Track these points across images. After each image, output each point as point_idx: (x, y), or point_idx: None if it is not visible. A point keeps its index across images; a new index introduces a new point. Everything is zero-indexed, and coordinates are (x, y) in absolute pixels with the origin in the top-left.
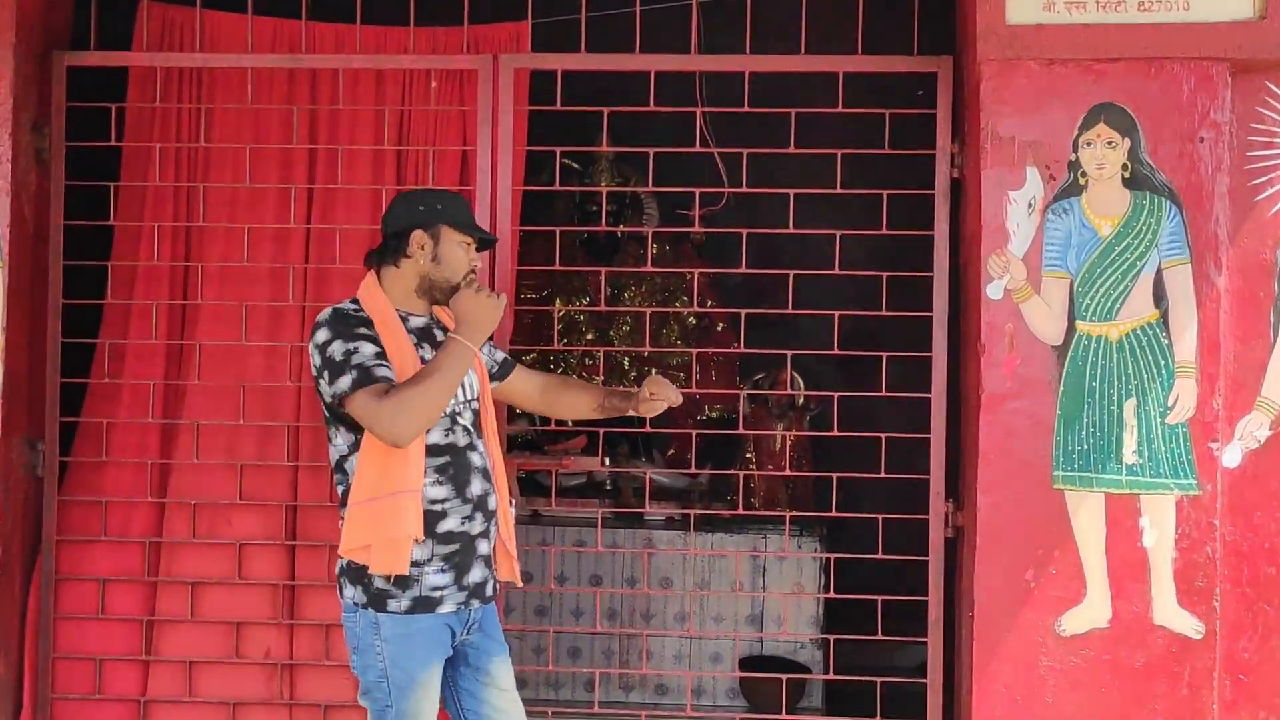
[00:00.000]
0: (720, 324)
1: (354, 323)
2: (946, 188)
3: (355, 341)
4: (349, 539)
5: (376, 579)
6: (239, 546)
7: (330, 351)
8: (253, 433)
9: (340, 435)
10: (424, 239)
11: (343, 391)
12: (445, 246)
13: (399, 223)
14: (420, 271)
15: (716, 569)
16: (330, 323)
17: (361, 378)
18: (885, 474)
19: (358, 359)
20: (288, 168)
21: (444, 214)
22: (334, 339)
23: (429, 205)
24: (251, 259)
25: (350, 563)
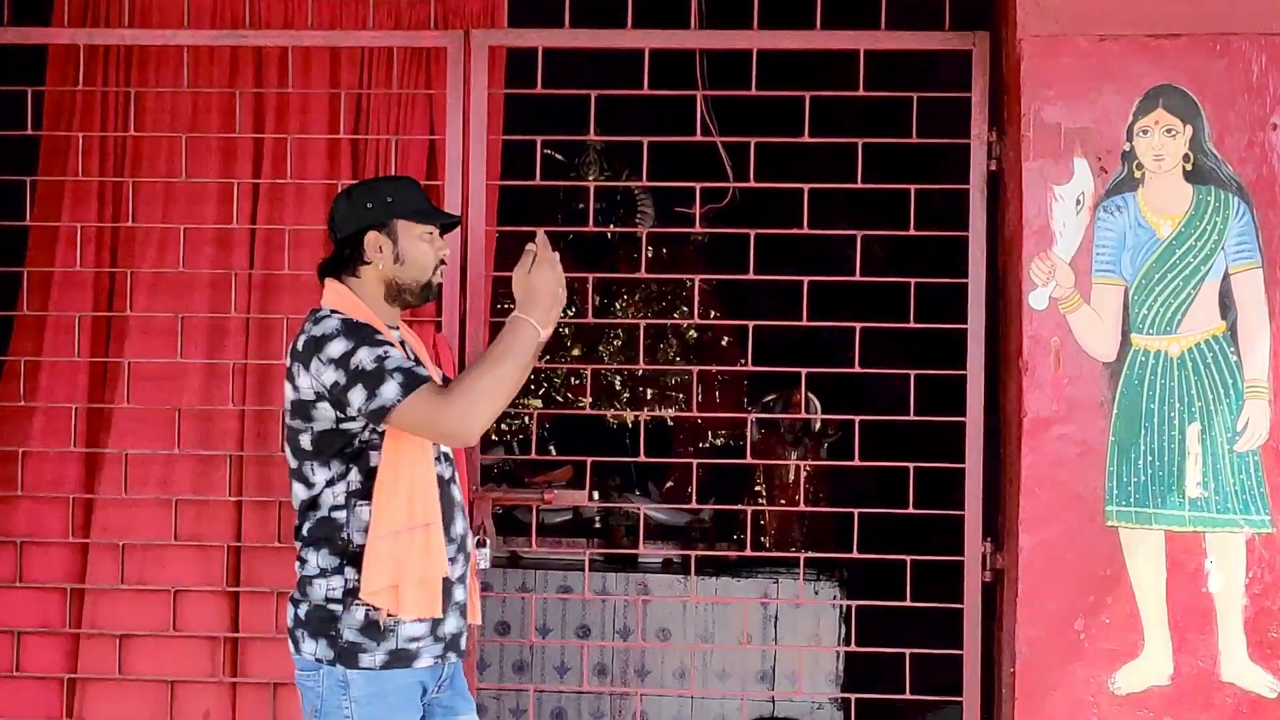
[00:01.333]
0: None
1: (368, 329)
2: (983, 182)
3: (382, 347)
4: (372, 580)
5: (348, 631)
6: (173, 593)
7: (357, 362)
8: (189, 463)
9: (326, 469)
10: (380, 240)
11: (392, 399)
12: (406, 243)
13: (347, 225)
14: (384, 277)
15: (721, 618)
16: (345, 332)
17: (409, 380)
18: (914, 510)
19: (394, 363)
20: (229, 160)
21: (396, 206)
22: (357, 347)
23: (377, 200)
24: (188, 264)
25: (313, 611)
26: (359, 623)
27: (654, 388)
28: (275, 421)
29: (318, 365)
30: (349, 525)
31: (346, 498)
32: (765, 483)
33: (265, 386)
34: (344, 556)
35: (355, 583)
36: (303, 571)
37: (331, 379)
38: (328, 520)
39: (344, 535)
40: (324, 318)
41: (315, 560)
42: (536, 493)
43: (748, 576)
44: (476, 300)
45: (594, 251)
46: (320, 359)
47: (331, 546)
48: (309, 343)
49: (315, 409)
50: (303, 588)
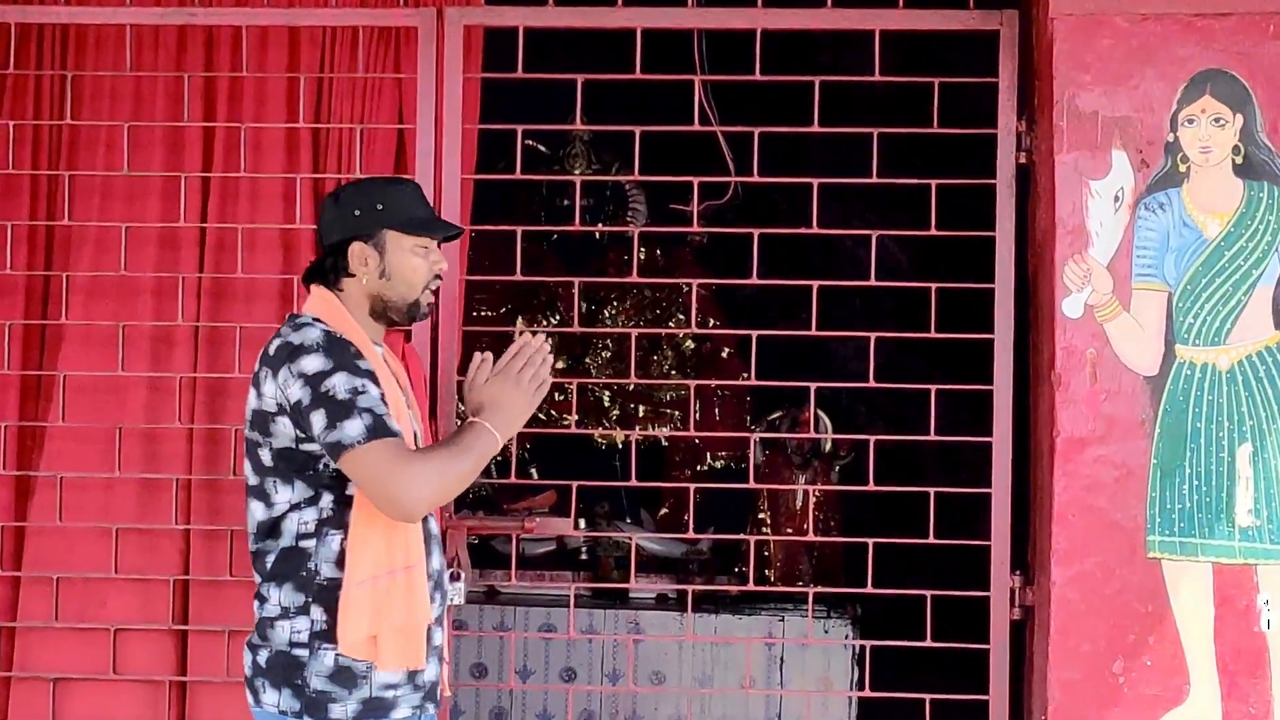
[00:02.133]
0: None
1: (351, 351)
2: (1012, 176)
3: (361, 378)
4: (350, 631)
5: (316, 679)
6: (113, 632)
7: (330, 385)
8: (132, 487)
9: (289, 488)
10: (365, 252)
11: (351, 440)
12: (395, 256)
13: (332, 232)
14: (369, 292)
15: (721, 660)
16: (326, 348)
17: (376, 427)
18: (935, 539)
19: (367, 401)
20: (177, 151)
21: (386, 215)
22: (335, 370)
23: (365, 206)
24: (130, 266)
25: (275, 658)
26: (328, 669)
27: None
28: (227, 442)
29: (286, 376)
30: (318, 556)
31: (317, 526)
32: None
33: (216, 403)
34: (310, 593)
35: (324, 624)
36: (262, 612)
37: (297, 395)
38: (294, 551)
39: (311, 567)
40: (305, 325)
41: (277, 598)
42: (516, 521)
43: (750, 613)
44: (450, 306)
45: (580, 253)
46: (291, 370)
47: (297, 581)
48: (283, 349)
49: (274, 422)
50: (263, 630)
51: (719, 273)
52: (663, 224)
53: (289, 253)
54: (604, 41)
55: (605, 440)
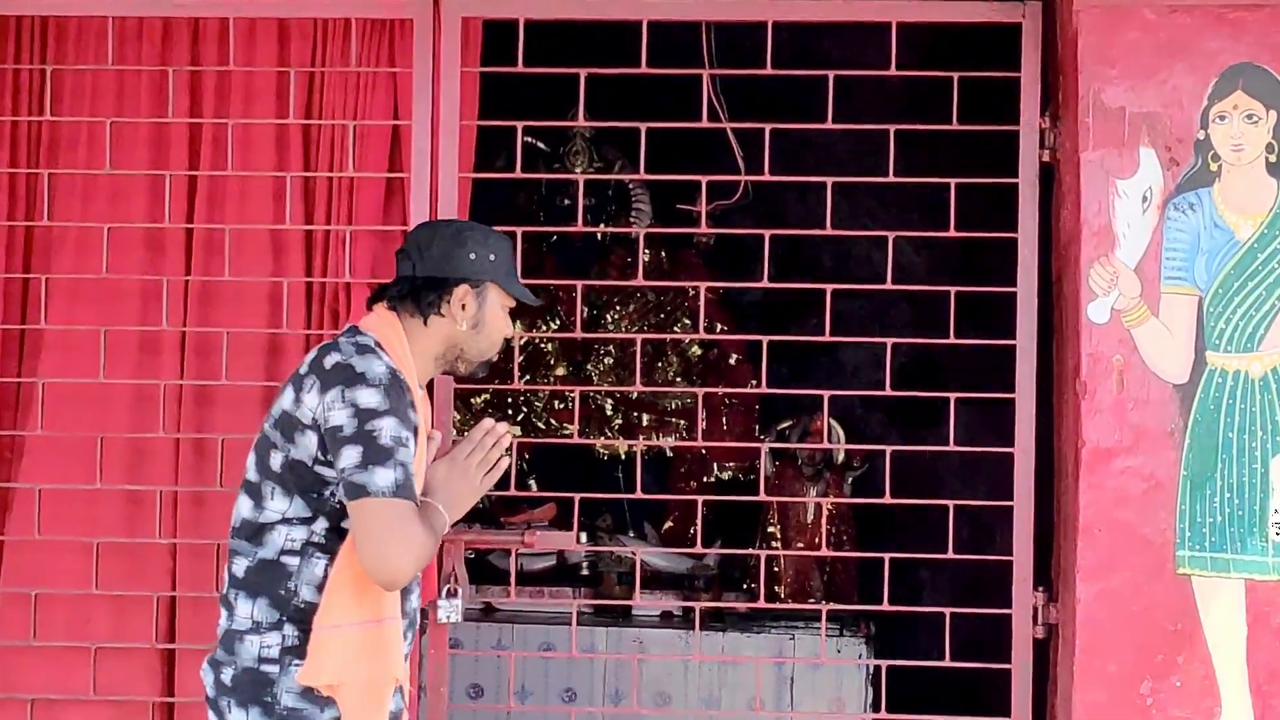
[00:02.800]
0: (734, 355)
1: (407, 399)
2: (1035, 175)
3: (407, 430)
4: (315, 671)
5: (286, 695)
6: (93, 651)
7: (377, 427)
8: (115, 500)
9: (286, 500)
10: (469, 298)
11: (378, 488)
12: (491, 311)
13: (437, 267)
14: (453, 338)
15: (729, 680)
16: (388, 389)
17: (405, 486)
18: (954, 555)
19: (405, 456)
20: (161, 148)
21: (497, 267)
22: (388, 413)
23: (481, 253)
24: (113, 269)
25: (242, 675)
26: (300, 686)
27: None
28: (214, 453)
29: (336, 398)
30: (299, 577)
31: (304, 545)
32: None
33: (203, 411)
34: (285, 612)
35: (296, 639)
36: (230, 624)
37: (339, 421)
38: (274, 565)
39: (290, 586)
40: (370, 352)
41: (249, 611)
42: (515, 534)
43: (760, 631)
44: None
45: (582, 255)
46: (344, 394)
47: (272, 597)
48: (343, 370)
49: (302, 434)
50: (229, 644)
51: (726, 276)
52: (668, 225)
53: (279, 254)
54: (606, 34)
55: (607, 450)
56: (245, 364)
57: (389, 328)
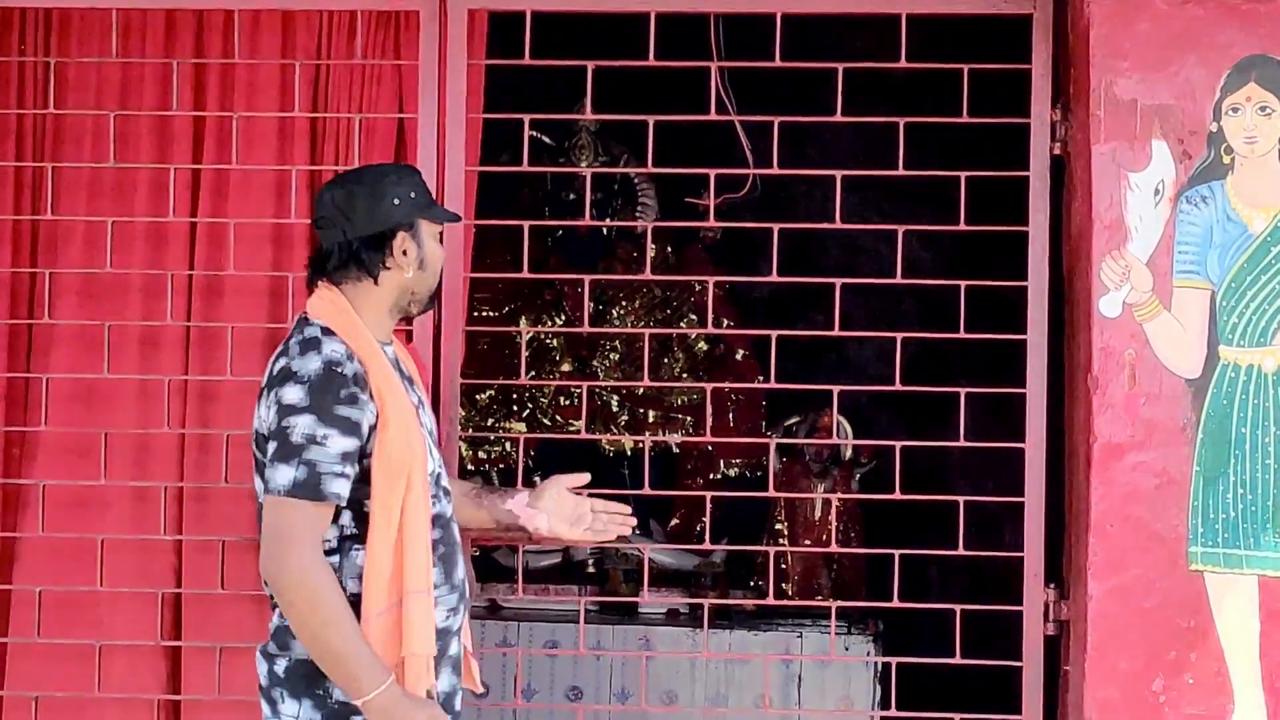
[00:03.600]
0: (741, 351)
1: (340, 394)
2: (1046, 169)
3: (328, 428)
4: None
5: (339, 690)
6: (98, 649)
7: (291, 424)
8: (121, 497)
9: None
10: (407, 243)
11: (275, 486)
12: (428, 245)
13: (371, 222)
14: (403, 285)
15: (737, 678)
16: (314, 383)
17: (307, 484)
18: (964, 551)
19: (316, 454)
20: (165, 142)
21: (418, 203)
22: (305, 410)
23: (402, 194)
24: (116, 264)
25: (295, 667)
26: None
27: (657, 409)
28: (219, 448)
29: (271, 400)
30: (342, 572)
31: (340, 541)
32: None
33: (208, 406)
34: None
35: None
36: (281, 620)
37: (270, 422)
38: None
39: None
40: (311, 346)
41: None
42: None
43: (767, 629)
44: (453, 304)
45: (588, 250)
46: (275, 393)
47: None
48: (282, 372)
49: (264, 444)
50: (282, 639)
51: (733, 270)
52: (674, 219)
53: (283, 248)
54: (613, 27)
55: (613, 447)
56: (249, 359)
57: (333, 307)
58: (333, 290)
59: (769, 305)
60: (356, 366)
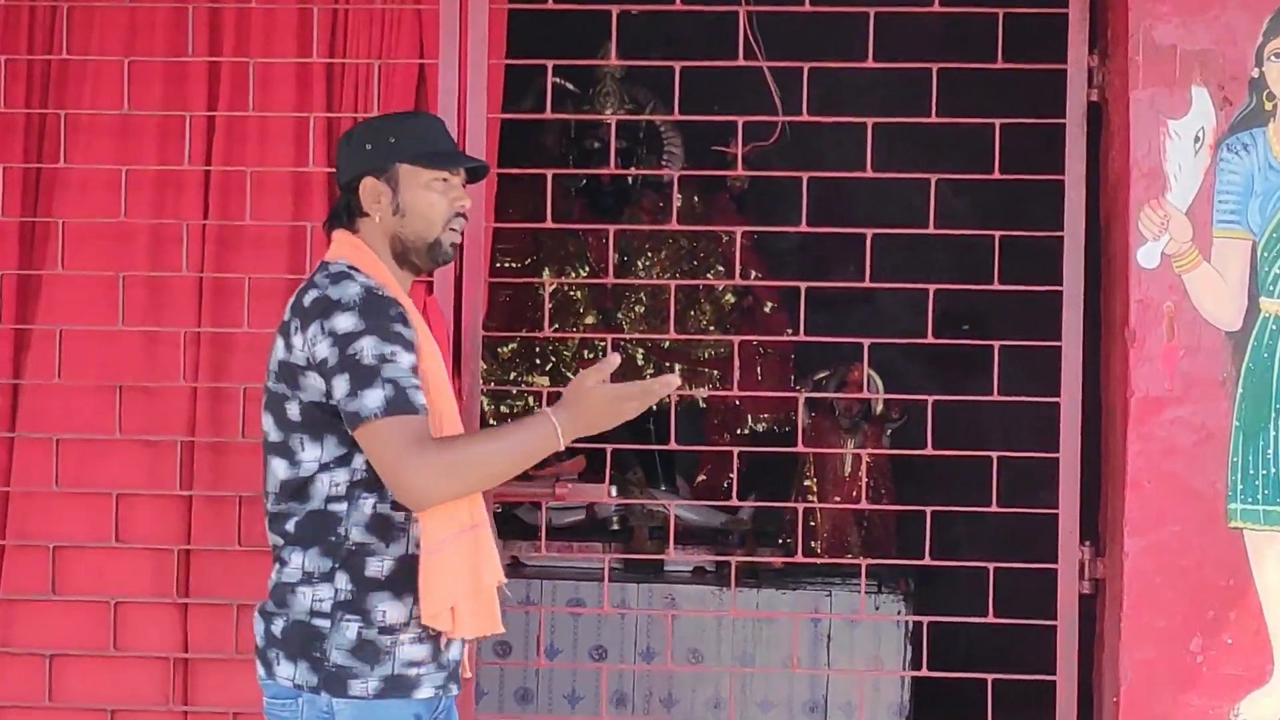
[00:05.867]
0: (769, 303)
1: (390, 313)
2: (1082, 115)
3: (393, 345)
4: (434, 604)
5: (336, 652)
6: (112, 606)
7: (358, 349)
8: (131, 451)
9: (318, 446)
10: (378, 188)
11: (370, 411)
12: (409, 193)
13: (345, 171)
14: (386, 231)
15: (764, 638)
16: (362, 307)
17: (398, 401)
18: (997, 508)
19: (393, 371)
20: (179, 87)
21: (398, 148)
22: (365, 332)
23: (377, 140)
24: (129, 212)
25: (292, 627)
26: (350, 642)
27: (684, 362)
28: (234, 401)
29: (316, 332)
30: (348, 521)
31: (349, 488)
32: (817, 476)
33: (221, 359)
34: (337, 559)
35: (349, 594)
36: (281, 576)
37: (323, 354)
38: (322, 514)
39: (340, 532)
40: (344, 277)
41: (300, 562)
42: (545, 487)
43: (795, 588)
44: (475, 255)
45: (612, 199)
46: (323, 326)
47: (324, 546)
48: (319, 303)
49: (304, 377)
50: (281, 596)
51: (761, 220)
52: (701, 168)
53: (300, 197)
54: None
55: None
56: (266, 309)
57: (353, 248)
58: (347, 234)
59: (798, 256)
60: (390, 294)
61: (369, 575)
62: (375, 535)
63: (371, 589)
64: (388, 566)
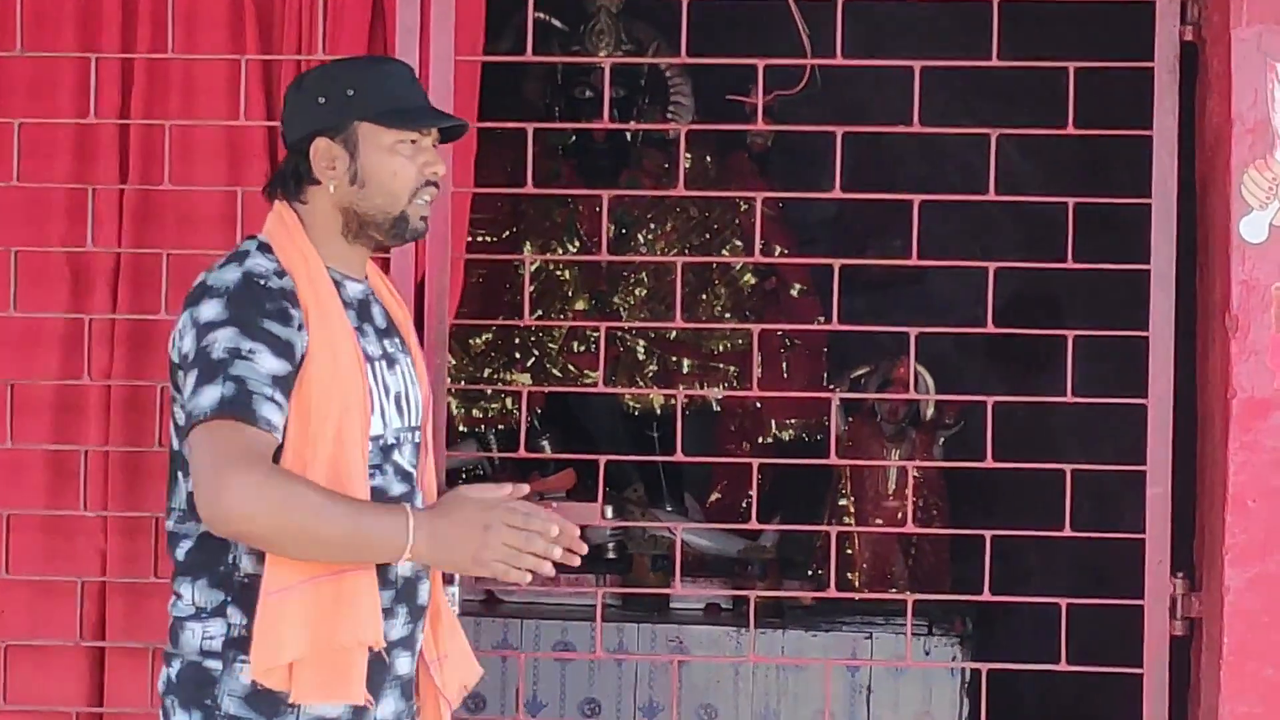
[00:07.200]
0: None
1: (265, 306)
2: (1175, 59)
3: (255, 342)
4: (268, 649)
5: (229, 700)
6: (3, 650)
7: (211, 339)
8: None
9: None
10: (333, 151)
11: (200, 411)
12: (371, 157)
13: (293, 127)
14: (339, 203)
15: (790, 689)
16: (233, 296)
17: (237, 403)
18: (1071, 532)
19: (243, 370)
20: (90, 24)
21: (358, 103)
22: (226, 323)
23: (332, 92)
24: (28, 176)
25: (185, 670)
26: (244, 688)
27: (694, 356)
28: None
29: (185, 322)
30: (238, 546)
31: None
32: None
33: (141, 351)
34: (229, 591)
35: (242, 630)
36: (175, 612)
37: (187, 348)
38: (212, 540)
39: (229, 560)
40: (236, 258)
41: (190, 595)
42: None
43: (828, 629)
44: (441, 228)
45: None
46: (191, 314)
47: (213, 576)
48: (195, 289)
49: (178, 376)
50: (175, 634)
51: (788, 185)
52: (715, 121)
53: (234, 158)
54: None
55: (639, 403)
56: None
57: (278, 221)
58: (282, 205)
59: (832, 228)
60: (286, 283)
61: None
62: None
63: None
64: None
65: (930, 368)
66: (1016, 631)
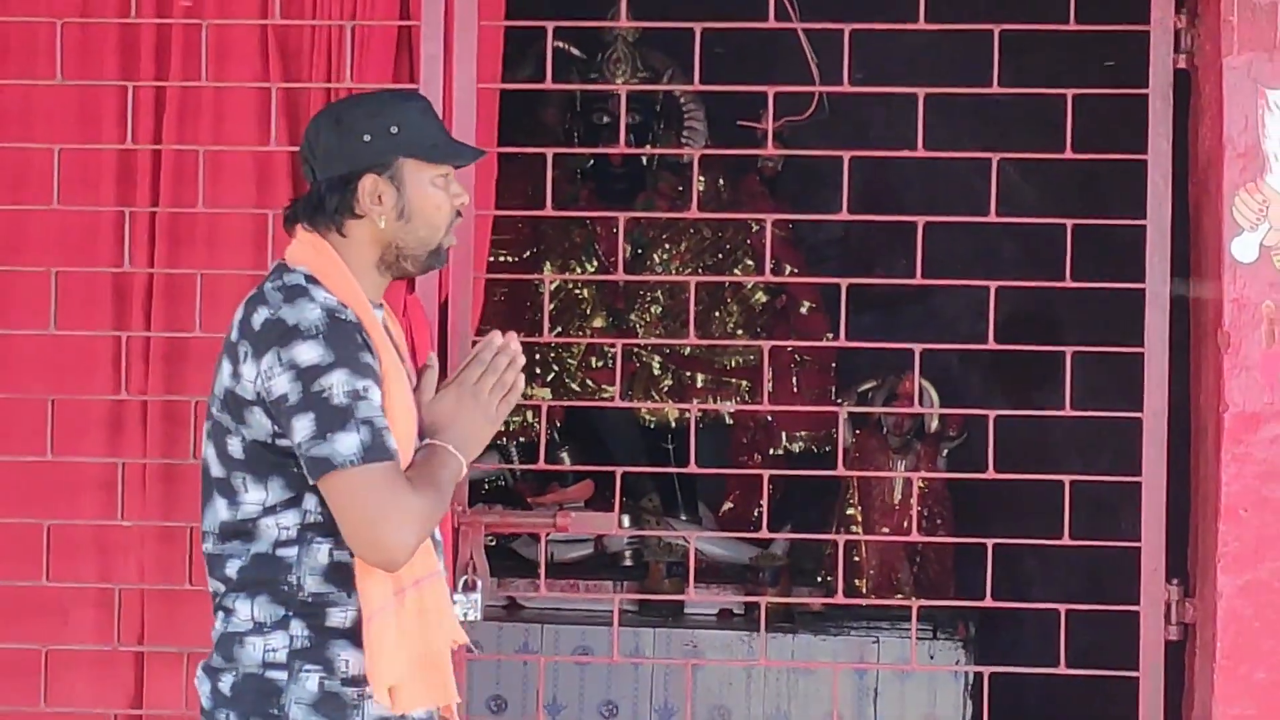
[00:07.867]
0: (806, 303)
1: (356, 339)
2: (1169, 85)
3: (364, 379)
4: (385, 669)
5: (296, 707)
6: (44, 654)
7: (325, 385)
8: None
9: (262, 489)
10: (381, 188)
11: (343, 459)
12: (415, 191)
13: (335, 163)
14: (383, 238)
15: (800, 691)
16: (328, 335)
17: (375, 446)
18: (1070, 541)
19: (367, 410)
20: (124, 56)
21: (403, 140)
22: (334, 365)
23: (377, 130)
24: (64, 200)
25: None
26: (311, 695)
27: (707, 372)
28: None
29: (273, 363)
30: (300, 569)
31: (300, 531)
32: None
33: (174, 370)
34: (290, 606)
35: (306, 641)
36: (228, 627)
37: (283, 390)
38: (269, 559)
39: (293, 581)
40: (300, 294)
41: (249, 611)
42: (545, 517)
43: (837, 633)
44: (463, 249)
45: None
46: (280, 357)
47: (274, 594)
48: (274, 327)
49: (250, 412)
50: (228, 649)
51: (797, 207)
52: (727, 146)
53: (263, 182)
54: None
55: (654, 417)
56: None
57: (317, 252)
58: (314, 236)
59: (839, 248)
60: (351, 315)
61: (330, 625)
62: (334, 584)
63: (333, 637)
64: (351, 617)
65: (935, 382)
66: (1018, 636)
